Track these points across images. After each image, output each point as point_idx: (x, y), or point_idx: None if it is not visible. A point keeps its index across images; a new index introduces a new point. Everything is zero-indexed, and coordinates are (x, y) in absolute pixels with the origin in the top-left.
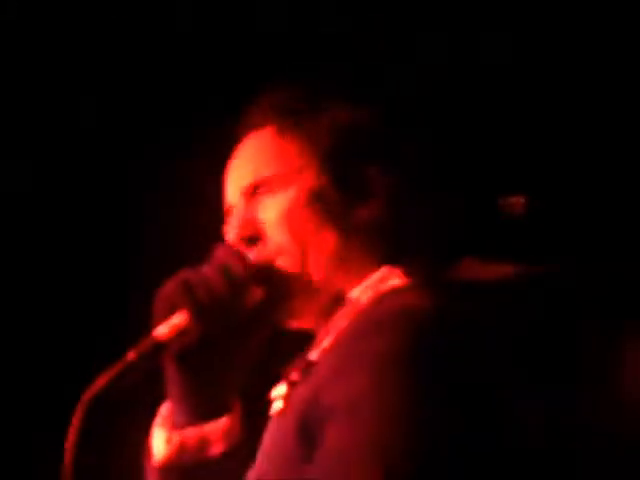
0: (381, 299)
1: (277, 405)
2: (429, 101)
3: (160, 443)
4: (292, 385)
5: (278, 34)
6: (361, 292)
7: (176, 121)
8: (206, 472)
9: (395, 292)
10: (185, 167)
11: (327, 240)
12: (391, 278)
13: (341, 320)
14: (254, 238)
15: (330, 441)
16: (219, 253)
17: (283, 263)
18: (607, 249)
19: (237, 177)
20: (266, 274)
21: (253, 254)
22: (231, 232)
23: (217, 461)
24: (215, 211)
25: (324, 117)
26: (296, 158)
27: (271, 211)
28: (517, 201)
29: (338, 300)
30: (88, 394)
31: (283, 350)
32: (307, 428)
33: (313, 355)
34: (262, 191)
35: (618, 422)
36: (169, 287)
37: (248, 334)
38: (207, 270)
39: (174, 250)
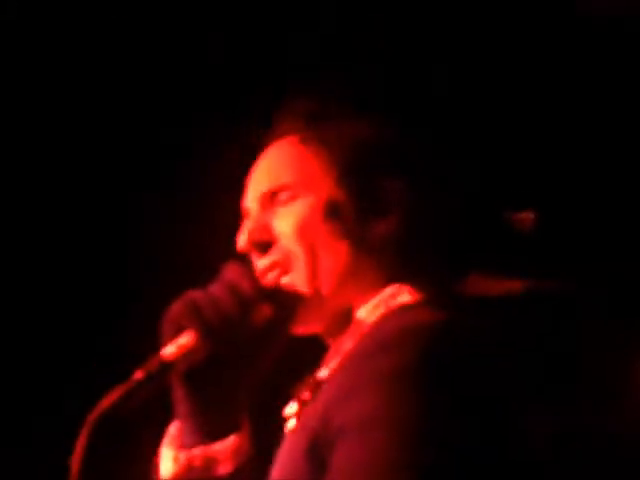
0: (389, 317)
1: (290, 423)
2: (446, 116)
3: (168, 462)
4: (303, 403)
5: (278, 35)
6: (370, 310)
7: (176, 121)
8: None
9: (403, 309)
10: (185, 167)
11: (339, 253)
12: (401, 295)
13: (350, 339)
14: (265, 244)
15: (340, 462)
16: (228, 272)
17: (293, 273)
18: (612, 262)
19: (256, 183)
20: (275, 293)
21: (262, 261)
22: (243, 236)
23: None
24: (213, 211)
25: (346, 130)
26: (316, 169)
27: (286, 219)
28: (526, 216)
29: (347, 314)
30: (95, 413)
31: (296, 367)
32: (317, 449)
33: (323, 373)
34: (279, 199)
35: (625, 434)
36: (177, 307)
37: (256, 353)
38: (215, 289)
39: (173, 251)
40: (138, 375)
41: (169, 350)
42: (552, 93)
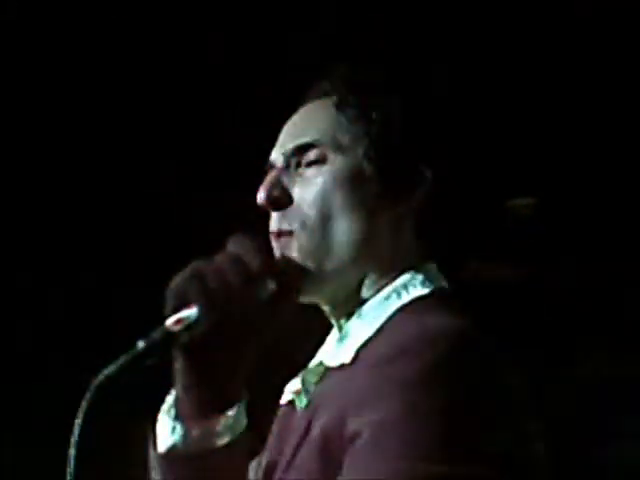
0: (405, 314)
1: (287, 396)
2: (468, 105)
3: (165, 432)
4: (307, 384)
5: (278, 35)
6: (383, 299)
7: (175, 121)
8: (210, 461)
9: (418, 305)
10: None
11: (354, 226)
12: (413, 285)
13: (362, 329)
14: (281, 202)
15: (353, 467)
16: (234, 245)
17: (301, 239)
18: (611, 251)
19: (286, 138)
20: (281, 267)
21: (275, 220)
22: (261, 191)
23: (222, 451)
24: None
25: (382, 105)
26: (347, 134)
27: (308, 184)
28: (525, 203)
29: (355, 294)
30: (96, 382)
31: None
32: (331, 450)
33: (333, 362)
34: (305, 158)
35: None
36: (181, 278)
37: (258, 327)
38: (220, 261)
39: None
40: (140, 345)
41: (172, 321)
42: (553, 94)
